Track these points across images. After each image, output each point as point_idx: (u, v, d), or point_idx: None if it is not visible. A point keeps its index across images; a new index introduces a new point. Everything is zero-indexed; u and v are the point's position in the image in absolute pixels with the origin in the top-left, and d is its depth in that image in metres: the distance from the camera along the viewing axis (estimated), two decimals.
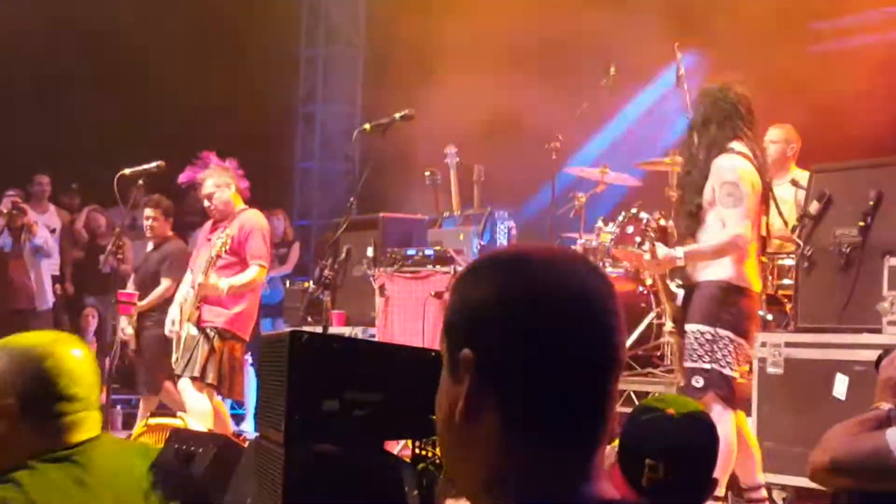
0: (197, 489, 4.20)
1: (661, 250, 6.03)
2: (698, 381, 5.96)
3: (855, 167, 7.40)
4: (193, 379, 7.70)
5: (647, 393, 7.49)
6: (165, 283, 9.28)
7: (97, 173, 9.69)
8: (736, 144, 6.15)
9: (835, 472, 2.82)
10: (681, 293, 6.27)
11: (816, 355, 7.00)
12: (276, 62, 12.62)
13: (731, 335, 6.01)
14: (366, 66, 13.09)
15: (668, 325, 6.31)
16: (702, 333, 5.98)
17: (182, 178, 8.22)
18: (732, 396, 6.19)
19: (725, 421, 6.06)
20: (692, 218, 6.10)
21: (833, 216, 7.19)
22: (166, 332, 8.20)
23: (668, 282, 6.39)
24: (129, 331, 8.65)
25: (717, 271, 6.02)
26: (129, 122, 12.92)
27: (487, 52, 11.41)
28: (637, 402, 7.54)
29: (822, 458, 2.85)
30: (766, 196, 6.41)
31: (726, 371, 6.05)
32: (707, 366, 5.96)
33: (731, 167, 6.02)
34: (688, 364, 6.04)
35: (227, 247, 7.80)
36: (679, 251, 6.03)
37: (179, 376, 7.83)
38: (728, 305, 6.02)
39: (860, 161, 7.50)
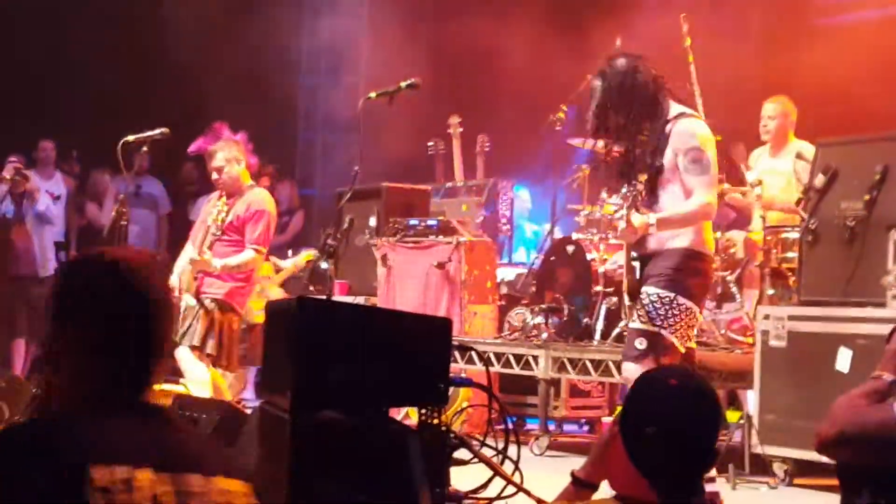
0: None
1: (636, 218, 5.88)
2: (641, 343, 5.74)
3: (861, 141, 7.39)
4: (193, 348, 7.70)
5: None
6: None
7: (101, 140, 9.66)
8: (678, 107, 5.99)
9: (843, 445, 2.82)
10: (636, 265, 6.09)
11: (820, 329, 7.00)
12: (279, 31, 12.57)
13: (689, 304, 5.82)
14: (370, 35, 13.04)
15: (627, 300, 6.13)
16: (660, 297, 5.77)
17: (192, 147, 8.19)
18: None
19: None
20: (650, 182, 5.89)
21: (838, 190, 7.16)
22: (171, 281, 8.21)
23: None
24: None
25: (682, 239, 5.85)
26: (133, 89, 12.89)
27: (492, 22, 11.38)
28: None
29: (829, 432, 2.85)
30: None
31: (673, 339, 5.82)
32: (655, 329, 5.75)
33: (693, 132, 5.87)
34: (635, 325, 5.82)
35: (224, 220, 7.78)
36: (651, 217, 5.80)
37: (177, 344, 7.82)
38: (691, 273, 5.86)
39: (866, 135, 7.49)
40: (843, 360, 6.79)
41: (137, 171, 12.84)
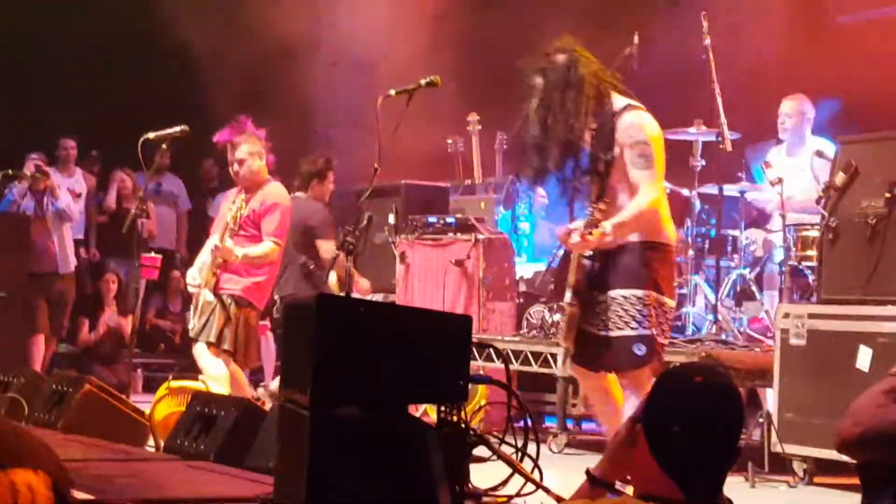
0: None
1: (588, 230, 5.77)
2: (640, 349, 5.60)
3: (883, 138, 7.35)
4: (209, 344, 7.71)
5: (668, 363, 7.46)
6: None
7: (121, 138, 9.68)
8: (622, 99, 5.84)
9: (865, 444, 2.81)
10: (587, 263, 5.92)
11: (840, 327, 6.98)
12: (298, 25, 12.58)
13: (663, 297, 5.69)
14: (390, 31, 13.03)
15: (568, 297, 5.79)
16: (638, 298, 5.62)
17: (218, 136, 8.18)
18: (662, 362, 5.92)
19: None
20: (601, 178, 5.73)
21: (859, 187, 7.14)
22: (188, 280, 8.22)
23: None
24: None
25: (640, 233, 5.70)
26: (152, 86, 12.92)
27: (513, 18, 11.37)
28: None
29: (851, 431, 2.84)
30: None
31: (661, 339, 5.74)
32: (646, 332, 5.61)
33: (641, 125, 5.72)
34: (621, 332, 5.63)
35: (241, 217, 7.78)
36: (607, 226, 5.59)
37: (195, 340, 7.83)
38: (659, 266, 5.72)
39: (888, 132, 7.45)
40: (864, 358, 6.77)
41: (158, 169, 12.92)
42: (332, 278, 9.29)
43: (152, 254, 8.74)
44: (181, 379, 7.55)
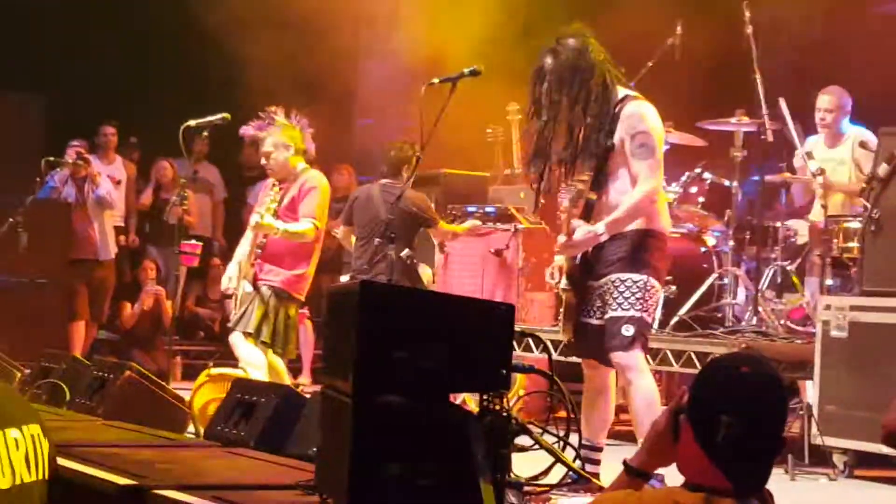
0: None
1: (581, 230, 5.72)
2: (628, 330, 5.64)
3: None
4: (247, 335, 7.69)
5: (708, 354, 7.44)
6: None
7: (162, 125, 9.71)
8: (625, 90, 5.88)
9: None
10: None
11: (882, 319, 6.94)
12: (336, 14, 12.58)
13: (657, 284, 5.77)
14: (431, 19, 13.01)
15: (564, 283, 5.88)
16: (634, 282, 5.67)
17: (243, 131, 8.16)
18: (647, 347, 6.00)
19: (648, 372, 5.86)
20: (599, 166, 5.78)
21: None
22: (222, 287, 8.22)
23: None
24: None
25: (638, 221, 5.75)
26: (192, 74, 12.96)
27: (548, 8, 11.33)
28: (698, 364, 7.50)
29: None
30: None
31: (650, 320, 5.82)
32: (637, 314, 5.66)
33: (642, 115, 5.76)
34: (615, 313, 5.67)
35: (278, 207, 7.75)
36: (600, 227, 5.70)
37: (233, 330, 7.83)
38: (655, 253, 5.78)
39: None
40: None
41: (197, 157, 12.97)
42: (428, 273, 9.22)
43: (192, 241, 8.76)
44: (221, 366, 7.58)
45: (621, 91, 5.86)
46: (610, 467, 5.82)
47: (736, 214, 8.75)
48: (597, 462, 5.92)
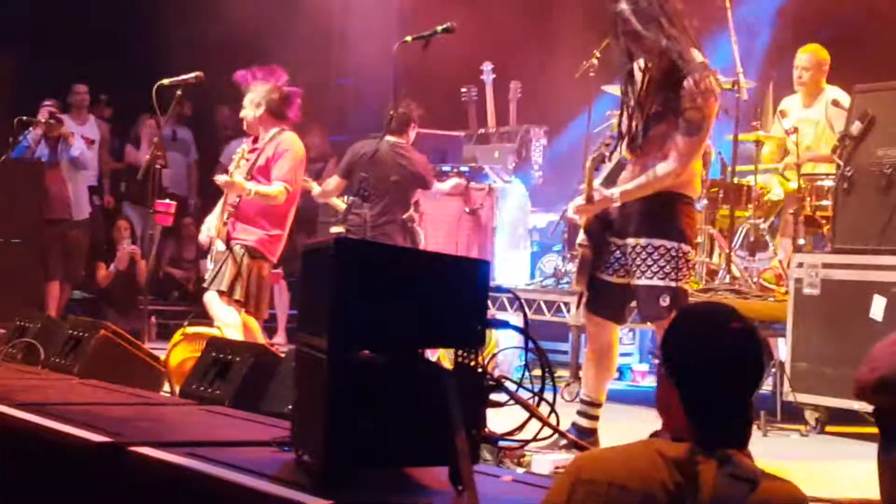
0: None
1: (597, 192, 5.63)
2: (665, 300, 5.56)
3: None
4: (220, 293, 7.70)
5: None
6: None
7: (135, 84, 9.67)
8: (697, 54, 5.62)
9: (882, 389, 2.80)
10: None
11: (854, 276, 6.98)
12: None
13: (690, 249, 5.68)
14: None
15: (581, 237, 5.78)
16: (668, 250, 5.58)
17: (237, 75, 8.05)
18: None
19: None
20: (647, 131, 5.62)
21: (875, 137, 7.13)
22: (200, 239, 8.20)
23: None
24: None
25: (678, 184, 5.65)
26: (165, 32, 12.88)
27: None
28: None
29: (869, 377, 2.83)
30: None
31: (686, 287, 5.75)
32: (673, 283, 5.58)
33: (706, 93, 5.52)
34: (650, 281, 5.59)
35: (254, 165, 7.73)
36: (616, 191, 5.62)
37: (206, 288, 7.83)
38: (687, 218, 5.70)
39: None
40: (878, 307, 6.78)
41: (179, 118, 12.93)
42: (421, 235, 9.19)
43: (167, 200, 8.73)
44: (196, 325, 7.57)
45: (697, 56, 5.59)
46: (610, 426, 5.86)
47: (709, 173, 8.77)
48: (595, 418, 5.88)
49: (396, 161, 8.64)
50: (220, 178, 7.81)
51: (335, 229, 9.12)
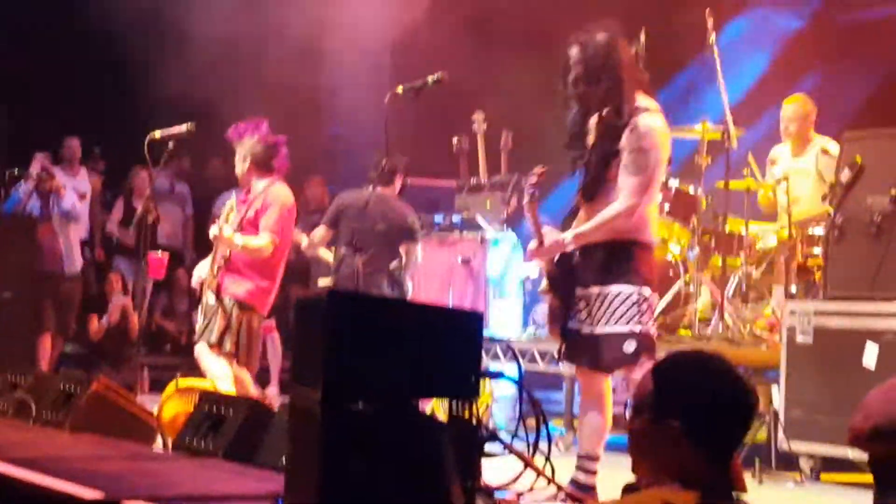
0: None
1: (549, 237, 5.72)
2: (630, 346, 5.56)
3: (887, 135, 7.36)
4: (210, 345, 7.70)
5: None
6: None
7: (128, 137, 9.69)
8: (644, 98, 5.74)
9: (877, 437, 2.81)
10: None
11: (846, 324, 6.98)
12: (302, 24, 12.59)
13: (651, 293, 5.68)
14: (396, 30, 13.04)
15: (543, 284, 5.87)
16: (627, 296, 5.59)
17: (230, 131, 8.10)
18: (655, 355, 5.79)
19: None
20: (597, 176, 5.70)
21: (864, 184, 7.14)
22: (192, 283, 8.21)
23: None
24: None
25: (628, 230, 5.66)
26: (159, 84, 12.92)
27: (516, 18, 11.38)
28: None
29: (863, 425, 2.84)
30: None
31: (652, 331, 5.72)
32: (637, 328, 5.58)
33: (648, 132, 5.61)
34: (613, 328, 5.59)
35: (244, 218, 7.76)
36: (568, 235, 5.70)
37: (196, 341, 7.83)
38: (645, 263, 5.70)
39: (892, 129, 7.46)
40: (870, 355, 6.78)
41: (178, 171, 12.98)
42: (409, 285, 9.20)
43: (159, 253, 8.73)
44: (188, 378, 7.55)
45: (642, 100, 5.73)
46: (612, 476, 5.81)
47: (701, 221, 8.79)
48: (593, 472, 5.84)
49: (382, 211, 8.67)
50: (211, 231, 7.83)
51: (324, 281, 9.15)
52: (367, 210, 8.56)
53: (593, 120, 5.77)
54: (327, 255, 9.32)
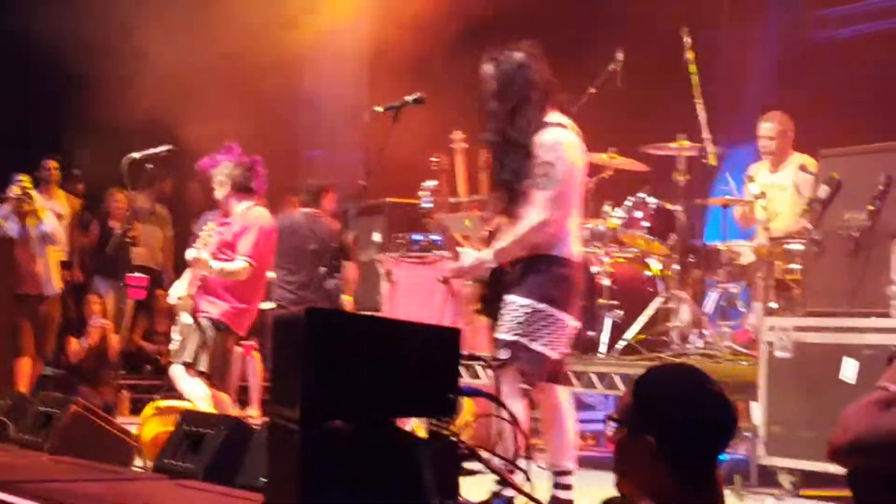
0: None
1: (468, 256, 5.82)
2: (504, 353, 5.66)
3: (864, 151, 7.40)
4: (186, 365, 7.70)
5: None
6: None
7: (106, 158, 9.67)
8: (557, 116, 5.86)
9: (855, 452, 2.81)
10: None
11: (825, 339, 7.00)
12: (281, 47, 12.59)
13: (552, 309, 5.70)
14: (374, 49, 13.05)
15: (476, 305, 6.00)
16: (520, 306, 5.68)
17: (200, 163, 8.17)
18: (541, 373, 5.80)
19: (516, 399, 5.66)
20: (512, 192, 5.80)
21: (842, 201, 7.19)
22: (169, 300, 8.22)
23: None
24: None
25: (544, 245, 5.74)
26: (138, 108, 12.90)
27: (491, 35, 11.39)
28: None
29: (842, 439, 2.84)
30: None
31: (535, 346, 5.69)
32: (513, 338, 5.66)
33: (554, 144, 5.72)
34: (498, 335, 5.72)
35: (220, 240, 7.79)
36: (488, 253, 5.80)
37: (171, 362, 7.84)
38: (554, 278, 5.74)
39: (869, 145, 7.50)
40: (849, 370, 6.80)
41: (159, 194, 12.97)
42: (350, 300, 9.25)
43: (138, 274, 8.73)
44: (168, 399, 7.54)
45: (554, 117, 5.83)
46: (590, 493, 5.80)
47: (679, 238, 8.81)
48: (569, 487, 5.84)
49: (313, 231, 8.73)
50: (188, 254, 7.85)
51: (266, 305, 9.18)
52: (298, 231, 8.69)
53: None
54: (271, 275, 9.41)
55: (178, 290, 7.94)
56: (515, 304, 5.71)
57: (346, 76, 13.23)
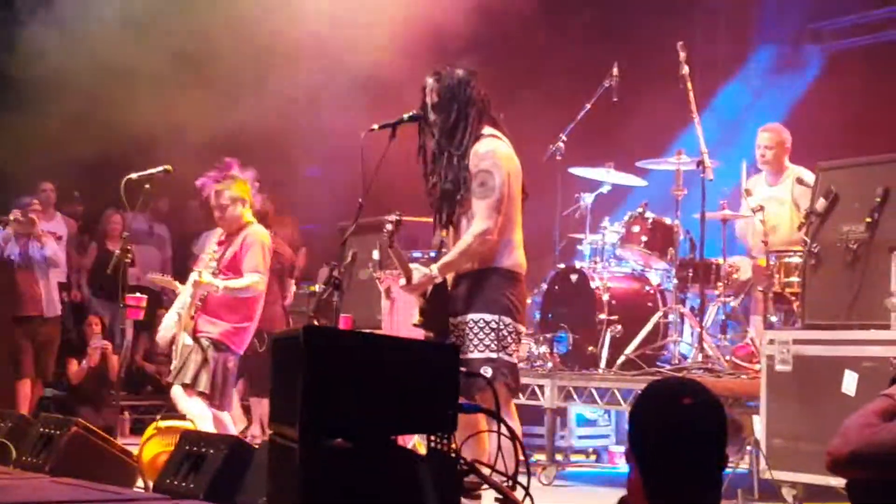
0: None
1: (417, 273, 5.87)
2: (487, 371, 5.64)
3: (861, 164, 7.42)
4: (185, 386, 7.70)
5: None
6: None
7: (104, 178, 9.68)
8: (491, 131, 5.92)
9: (855, 462, 2.82)
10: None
11: (825, 352, 7.00)
12: (281, 65, 12.62)
13: (513, 322, 5.77)
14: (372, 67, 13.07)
15: (415, 319, 6.02)
16: (486, 322, 5.72)
17: (200, 182, 8.17)
18: (517, 384, 5.99)
19: (511, 415, 5.70)
20: (451, 203, 5.90)
21: (840, 213, 7.20)
22: (157, 338, 8.23)
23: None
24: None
25: (493, 259, 5.79)
26: (135, 126, 12.92)
27: (487, 51, 11.41)
28: None
29: (841, 450, 2.85)
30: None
31: (512, 359, 5.81)
32: (494, 355, 5.70)
33: (488, 153, 5.79)
34: (472, 355, 5.71)
35: (223, 261, 7.81)
36: (434, 268, 5.86)
37: (171, 383, 7.84)
38: (507, 291, 5.78)
39: (866, 158, 7.51)
40: (850, 382, 6.80)
41: (155, 213, 12.99)
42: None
43: (137, 294, 8.73)
44: (169, 419, 7.53)
45: (488, 131, 5.90)
46: None
47: (678, 252, 8.82)
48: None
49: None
50: (191, 277, 7.87)
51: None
52: None
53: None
54: None
55: (168, 324, 7.95)
56: (483, 322, 5.76)
57: (344, 94, 13.22)
